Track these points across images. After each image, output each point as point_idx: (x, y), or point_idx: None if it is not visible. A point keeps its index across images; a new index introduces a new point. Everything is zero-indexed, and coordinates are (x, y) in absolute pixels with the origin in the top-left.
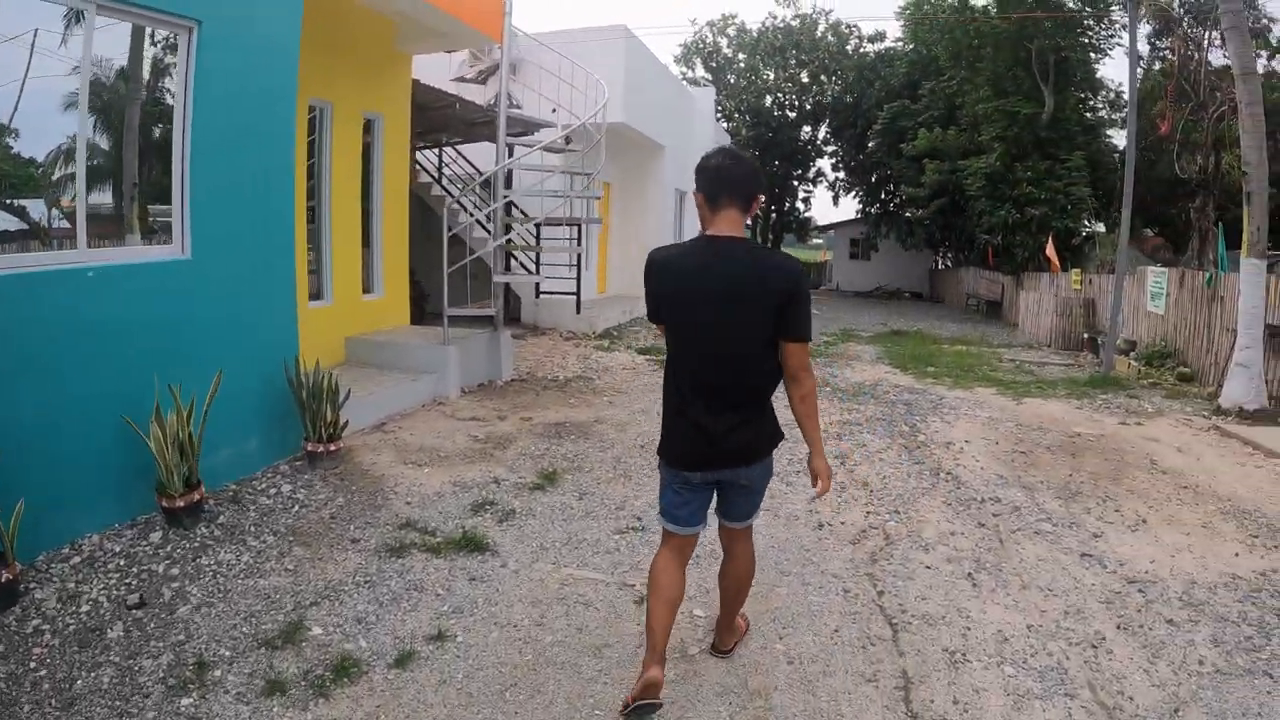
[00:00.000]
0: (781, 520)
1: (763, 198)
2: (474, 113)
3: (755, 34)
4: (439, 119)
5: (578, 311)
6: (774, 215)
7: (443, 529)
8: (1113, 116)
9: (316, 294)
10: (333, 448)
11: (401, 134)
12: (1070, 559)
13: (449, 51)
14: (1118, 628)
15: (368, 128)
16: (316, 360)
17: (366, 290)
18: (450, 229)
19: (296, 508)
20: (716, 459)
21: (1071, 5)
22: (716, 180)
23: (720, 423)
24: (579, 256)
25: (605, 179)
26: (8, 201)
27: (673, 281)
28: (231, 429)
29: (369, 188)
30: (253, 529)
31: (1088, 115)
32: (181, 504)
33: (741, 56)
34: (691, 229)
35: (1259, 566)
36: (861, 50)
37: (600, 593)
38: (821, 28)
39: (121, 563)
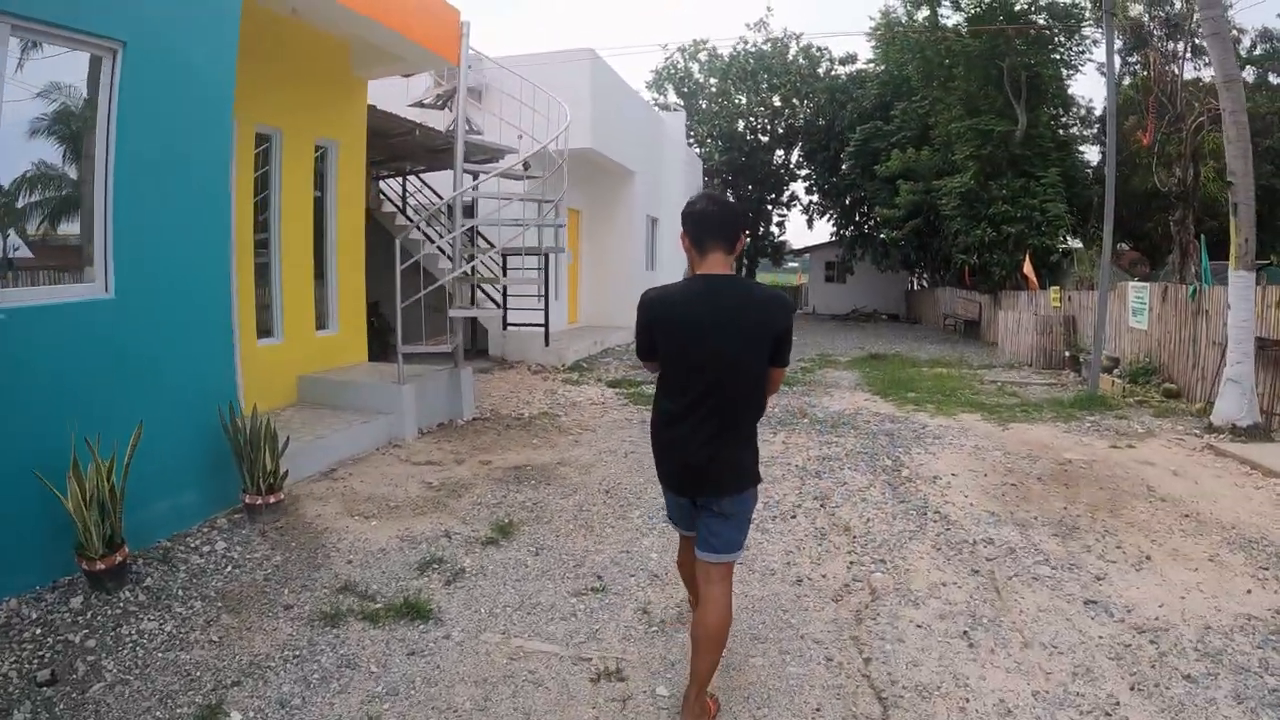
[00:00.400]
0: (757, 575)
1: (746, 234)
2: (435, 139)
3: (727, 58)
4: (401, 146)
5: (546, 344)
6: (748, 240)
7: (384, 592)
8: (1084, 133)
9: (266, 330)
10: (272, 499)
11: (357, 162)
12: (1074, 608)
13: (407, 76)
14: (1131, 689)
15: (321, 155)
16: (254, 405)
17: (321, 326)
18: (405, 260)
19: (230, 568)
20: (698, 485)
21: (1041, 22)
22: (701, 225)
23: (704, 452)
24: (546, 287)
25: (574, 206)
26: None
27: (668, 319)
28: (163, 481)
29: (323, 218)
30: (180, 593)
31: (1060, 132)
32: (103, 566)
33: (713, 81)
34: (664, 257)
35: (1273, 604)
36: (833, 73)
37: (552, 668)
38: (793, 51)
39: (38, 631)
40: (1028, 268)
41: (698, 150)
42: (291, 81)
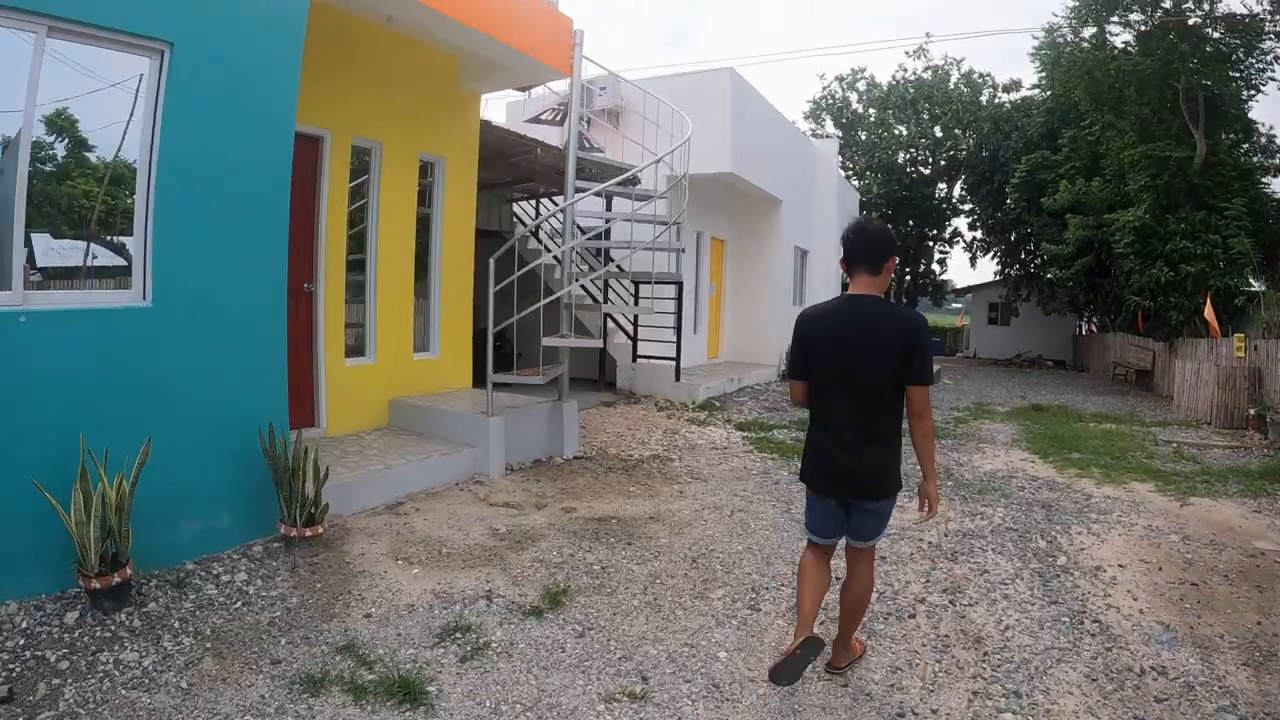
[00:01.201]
0: (847, 696)
1: (895, 259)
2: (560, 159)
3: (885, 88)
4: (525, 167)
5: (677, 379)
6: (908, 278)
7: (386, 660)
8: (1266, 162)
9: (357, 350)
10: (308, 532)
11: (467, 179)
12: None
13: (524, 90)
14: None
15: (426, 171)
16: (298, 431)
17: (421, 348)
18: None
19: (239, 604)
20: (849, 488)
21: (1217, 36)
22: (848, 251)
23: (853, 459)
24: (679, 319)
25: (718, 235)
26: None
27: (817, 332)
28: (192, 501)
29: (428, 237)
30: (176, 625)
31: (1243, 159)
32: (99, 585)
33: (871, 111)
34: (814, 291)
35: None
36: (996, 100)
37: None
38: (954, 78)
39: (20, 642)
40: (1209, 312)
41: (856, 183)
42: (393, 93)
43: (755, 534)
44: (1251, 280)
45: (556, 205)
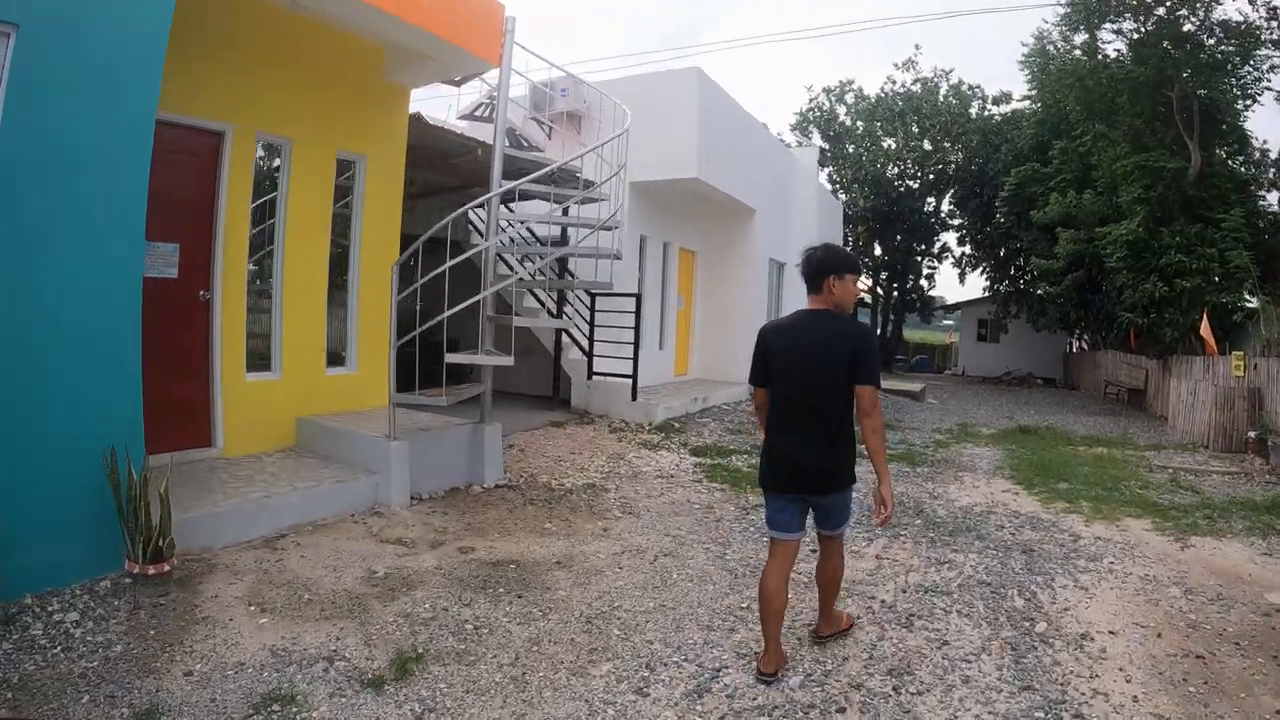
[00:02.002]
0: None
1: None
2: (512, 162)
3: (873, 100)
4: (468, 169)
5: (633, 398)
6: (895, 293)
7: None
8: (1261, 175)
9: (262, 364)
10: (152, 570)
11: (392, 180)
12: None
13: (455, 84)
14: None
15: (345, 171)
16: (144, 456)
17: (336, 363)
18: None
19: (59, 649)
20: (806, 484)
21: (1211, 42)
22: (802, 271)
23: (808, 455)
24: (637, 334)
25: (688, 246)
26: None
27: (776, 344)
28: (39, 530)
29: (347, 243)
30: None
31: (1240, 171)
32: None
33: (860, 124)
34: (790, 304)
35: None
36: (986, 112)
37: None
38: (943, 90)
39: None
40: (1205, 329)
41: (843, 196)
42: (307, 86)
43: (674, 587)
44: (1249, 296)
45: (510, 210)
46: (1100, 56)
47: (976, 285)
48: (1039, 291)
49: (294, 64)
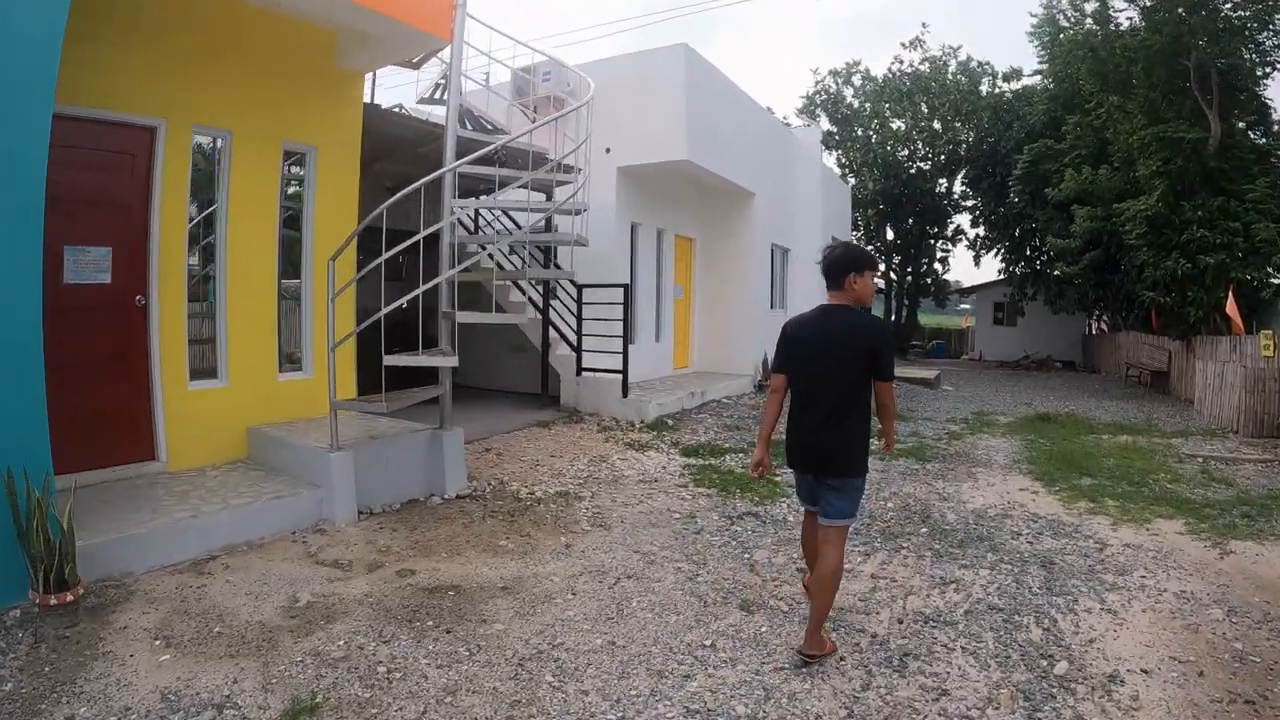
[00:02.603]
0: None
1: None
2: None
3: (881, 81)
4: (436, 159)
5: (623, 395)
6: (909, 278)
7: None
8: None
9: (207, 371)
10: (53, 600)
11: (347, 171)
12: None
13: (412, 66)
14: None
15: (296, 164)
16: (47, 477)
17: (291, 367)
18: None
19: None
20: (817, 464)
21: (1228, 8)
22: (823, 269)
23: (821, 438)
24: (626, 326)
25: (685, 234)
26: None
27: (798, 337)
28: None
29: (299, 240)
30: None
31: (1262, 142)
32: None
33: (868, 106)
34: (798, 295)
35: None
36: (996, 90)
37: None
38: (951, 68)
39: None
40: (1231, 307)
41: (852, 180)
42: (249, 75)
43: (630, 618)
44: (1276, 272)
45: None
46: (1112, 26)
47: (992, 268)
48: (1056, 272)
49: (234, 52)
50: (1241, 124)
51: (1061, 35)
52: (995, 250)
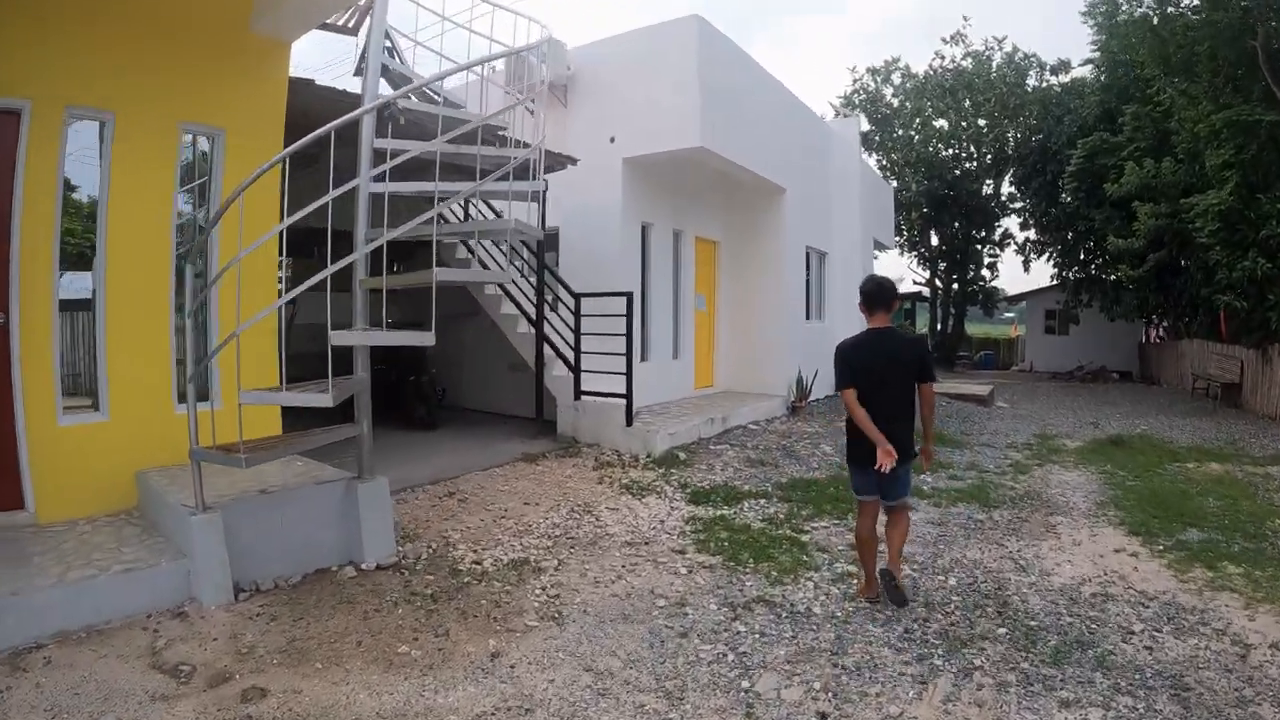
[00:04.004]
0: None
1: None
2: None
3: (922, 77)
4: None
5: (628, 423)
6: (955, 286)
7: None
8: None
9: (86, 402)
10: None
11: (266, 159)
12: None
13: (347, 30)
14: None
15: (201, 151)
16: None
17: (200, 397)
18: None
19: None
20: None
21: None
22: (869, 299)
23: (893, 429)
24: (629, 342)
25: (708, 235)
26: None
27: (859, 359)
28: None
29: (209, 241)
30: None
31: None
32: None
33: (908, 104)
34: (837, 303)
35: None
36: (1044, 83)
37: None
38: (996, 61)
39: None
40: None
41: (893, 182)
42: (137, 47)
43: None
44: None
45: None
46: (1171, 7)
47: (1042, 273)
48: (1113, 276)
49: (119, 17)
50: None
51: (1119, 16)
52: (1047, 254)
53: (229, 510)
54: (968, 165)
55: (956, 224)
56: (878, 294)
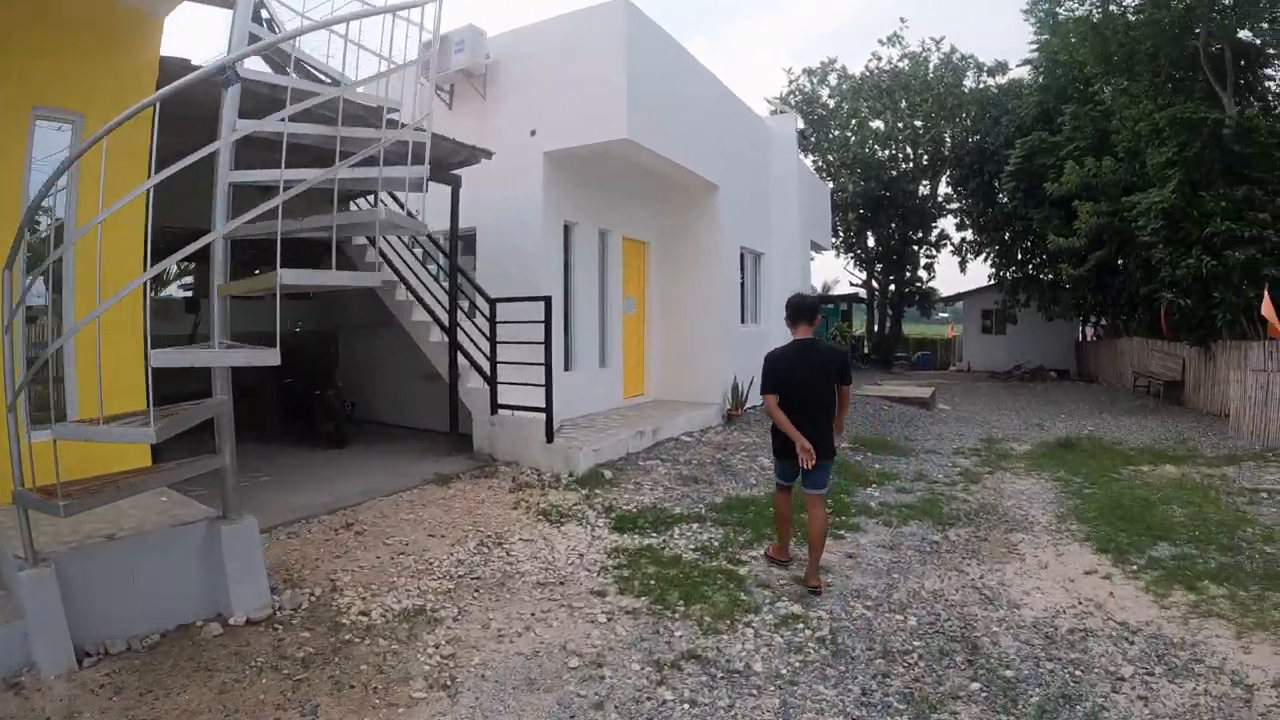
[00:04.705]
0: None
1: (818, 315)
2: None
3: (858, 78)
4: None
5: (548, 440)
6: (892, 287)
7: None
8: None
9: None
10: None
11: (132, 149)
12: None
13: (223, 3)
14: None
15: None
16: None
17: (55, 416)
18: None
19: None
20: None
21: None
22: (797, 313)
23: (813, 433)
24: (548, 349)
25: (635, 235)
26: None
27: (786, 368)
28: None
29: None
30: None
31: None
32: None
33: (845, 105)
34: (773, 307)
35: None
36: (981, 84)
37: None
38: (934, 62)
39: None
40: (1267, 308)
41: (829, 184)
42: None
43: None
44: None
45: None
46: (1113, 6)
47: (978, 273)
48: (1051, 276)
49: None
50: (1263, 100)
51: (1059, 11)
52: (984, 254)
53: (69, 561)
54: (904, 166)
55: (893, 225)
56: (800, 309)
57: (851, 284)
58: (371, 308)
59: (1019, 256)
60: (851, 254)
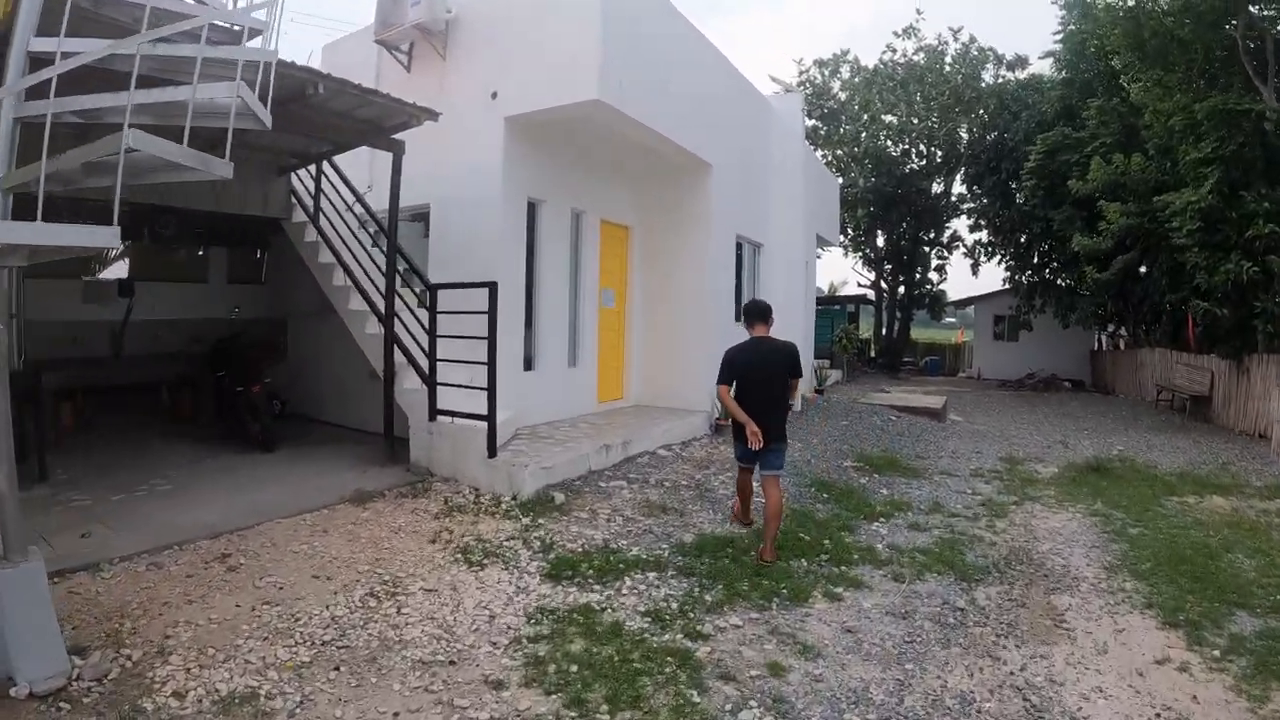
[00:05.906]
0: None
1: (772, 316)
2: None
3: (871, 70)
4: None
5: (490, 454)
6: (901, 289)
7: None
8: None
9: None
10: None
11: None
12: None
13: None
14: None
15: None
16: None
17: None
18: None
19: None
20: (766, 437)
21: None
22: (754, 316)
23: (767, 421)
24: (492, 344)
25: (615, 219)
26: None
27: (743, 363)
28: None
29: None
30: None
31: None
32: None
33: (857, 98)
34: (772, 298)
35: None
36: (1000, 78)
37: None
38: (951, 53)
39: None
40: None
41: (839, 180)
42: None
43: None
44: None
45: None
46: None
47: (991, 277)
48: (1069, 281)
49: None
50: None
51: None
52: (999, 258)
53: None
54: (918, 163)
55: (904, 224)
56: (755, 311)
57: (860, 285)
58: (316, 296)
59: (1035, 260)
60: (860, 253)
